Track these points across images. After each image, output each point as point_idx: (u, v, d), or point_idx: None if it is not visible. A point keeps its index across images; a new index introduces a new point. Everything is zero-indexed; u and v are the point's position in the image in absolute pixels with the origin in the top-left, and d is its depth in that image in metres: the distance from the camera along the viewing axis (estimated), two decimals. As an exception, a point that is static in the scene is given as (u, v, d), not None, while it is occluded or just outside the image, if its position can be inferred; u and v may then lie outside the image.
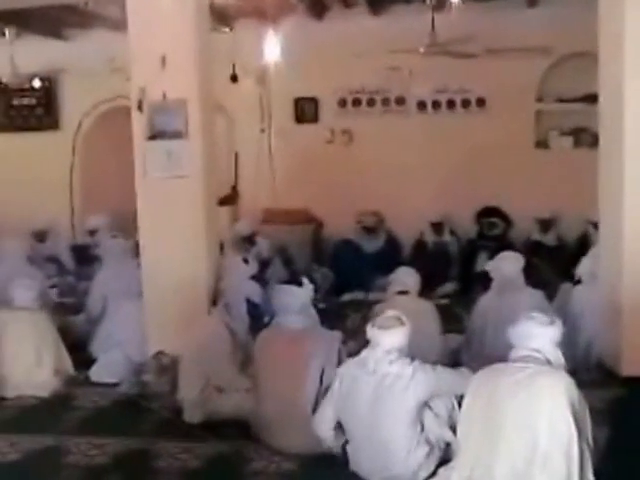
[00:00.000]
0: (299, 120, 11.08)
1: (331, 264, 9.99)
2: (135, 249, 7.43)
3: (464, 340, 6.79)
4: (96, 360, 6.98)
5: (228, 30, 10.19)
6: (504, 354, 4.40)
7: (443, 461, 4.65)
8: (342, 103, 10.95)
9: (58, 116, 11.63)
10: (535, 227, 10.03)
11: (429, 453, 4.66)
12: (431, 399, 4.73)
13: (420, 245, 10.18)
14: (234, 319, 6.31)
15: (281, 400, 5.21)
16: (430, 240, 10.13)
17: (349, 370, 4.84)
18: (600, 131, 6.80)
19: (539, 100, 10.45)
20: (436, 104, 10.72)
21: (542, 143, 10.56)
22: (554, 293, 7.03)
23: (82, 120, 11.43)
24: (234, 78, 9.91)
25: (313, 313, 5.94)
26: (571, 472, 3.98)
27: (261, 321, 6.76)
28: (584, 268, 6.87)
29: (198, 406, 5.72)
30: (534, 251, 9.31)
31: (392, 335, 4.71)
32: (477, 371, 4.49)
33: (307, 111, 11.05)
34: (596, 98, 6.84)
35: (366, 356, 4.76)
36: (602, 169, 6.68)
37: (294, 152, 10.68)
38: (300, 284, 5.68)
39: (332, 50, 10.11)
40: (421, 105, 10.76)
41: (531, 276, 6.87)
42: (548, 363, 4.22)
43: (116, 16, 8.68)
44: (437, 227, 10.12)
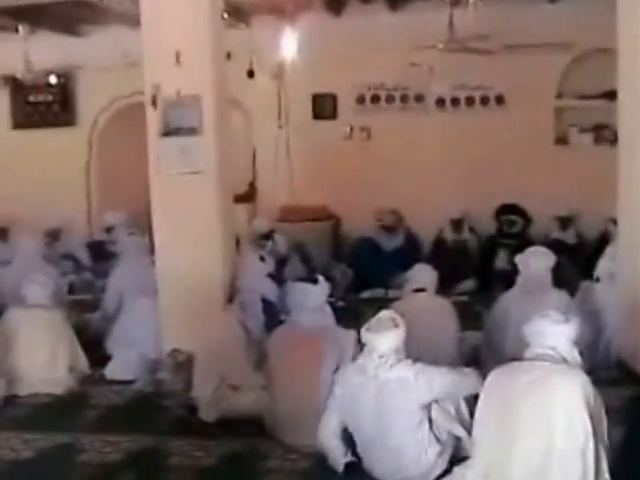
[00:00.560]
0: (317, 116, 11.03)
1: (350, 261, 9.93)
2: (151, 246, 7.40)
3: (483, 337, 6.70)
4: (111, 358, 6.96)
5: (244, 26, 10.14)
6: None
7: (455, 458, 4.61)
8: (360, 100, 10.91)
9: (74, 112, 11.64)
10: (554, 224, 9.96)
11: (441, 452, 4.61)
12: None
13: (439, 242, 10.12)
14: (249, 317, 6.29)
15: (295, 398, 5.18)
16: (449, 238, 10.08)
17: (349, 377, 4.76)
18: (619, 128, 6.74)
19: (559, 97, 10.37)
20: (455, 101, 10.68)
21: (562, 140, 10.48)
22: (575, 291, 6.95)
23: (98, 116, 11.47)
24: (251, 74, 9.89)
25: (328, 311, 5.85)
26: (587, 470, 3.94)
27: (276, 319, 6.71)
28: (602, 268, 6.78)
29: (213, 404, 5.70)
30: (554, 249, 9.15)
31: (387, 338, 4.61)
32: (494, 369, 4.42)
33: (325, 107, 10.99)
34: (617, 95, 6.76)
35: (363, 362, 4.68)
36: (621, 166, 6.61)
37: (312, 149, 10.63)
38: (315, 282, 5.63)
39: (350, 46, 10.07)
40: (440, 102, 10.72)
41: (554, 274, 6.78)
42: (564, 361, 4.16)
43: (132, 12, 8.62)
44: (456, 224, 10.05)
